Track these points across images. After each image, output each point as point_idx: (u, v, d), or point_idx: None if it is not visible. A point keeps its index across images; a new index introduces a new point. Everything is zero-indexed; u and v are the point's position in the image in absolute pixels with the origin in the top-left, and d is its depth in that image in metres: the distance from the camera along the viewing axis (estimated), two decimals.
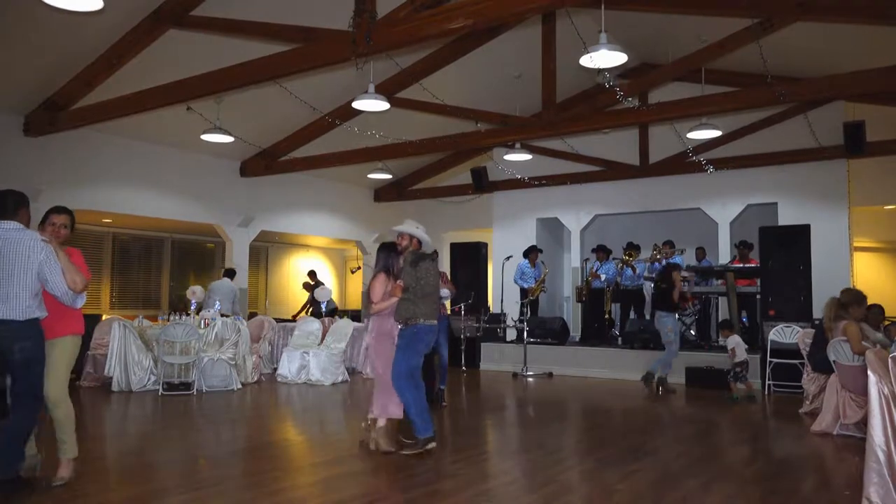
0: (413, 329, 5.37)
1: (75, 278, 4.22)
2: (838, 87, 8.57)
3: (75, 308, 4.43)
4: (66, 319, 4.41)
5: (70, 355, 4.48)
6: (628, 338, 10.75)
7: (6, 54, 8.16)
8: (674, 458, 5.38)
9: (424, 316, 5.36)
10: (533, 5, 5.68)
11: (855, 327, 6.16)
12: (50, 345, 4.32)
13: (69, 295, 4.25)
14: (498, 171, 13.62)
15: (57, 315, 4.35)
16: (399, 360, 5.35)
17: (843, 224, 11.19)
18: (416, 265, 5.38)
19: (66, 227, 4.49)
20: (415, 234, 5.58)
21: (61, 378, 4.40)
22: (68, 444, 4.43)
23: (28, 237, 4.16)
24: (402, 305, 5.38)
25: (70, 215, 4.56)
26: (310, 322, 10.63)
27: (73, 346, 4.50)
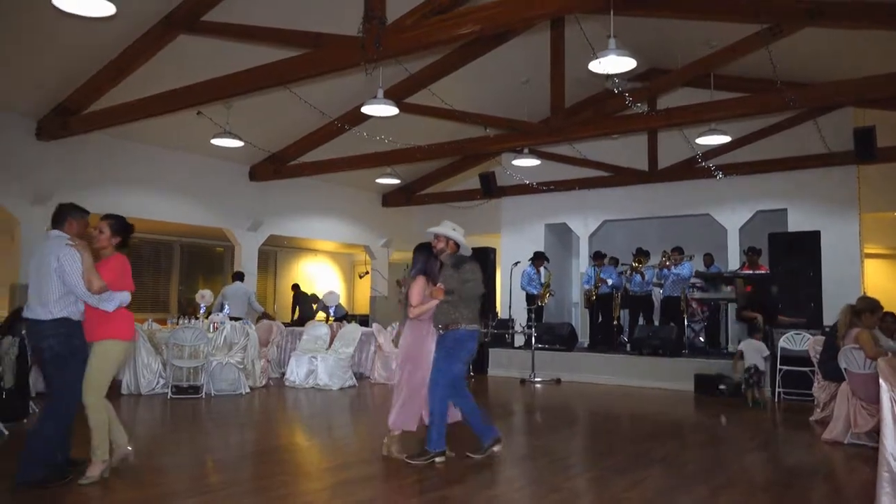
0: (454, 335, 5.15)
1: (90, 279, 4.30)
2: (848, 93, 8.54)
3: (106, 310, 4.45)
4: (107, 323, 4.48)
5: (109, 360, 4.52)
6: (637, 344, 10.70)
7: (20, 59, 8.24)
8: (682, 466, 5.35)
9: (467, 321, 5.15)
10: (542, 11, 5.69)
11: (867, 334, 6.12)
12: (91, 348, 4.45)
13: (89, 297, 4.36)
14: (506, 176, 13.62)
15: (99, 318, 4.45)
16: (441, 368, 5.14)
17: (853, 230, 11.12)
18: (459, 267, 5.17)
19: (102, 232, 4.58)
20: (451, 237, 5.31)
21: (93, 382, 4.47)
22: (99, 448, 4.50)
23: (55, 243, 4.41)
24: (442, 310, 5.18)
25: (109, 221, 4.65)
26: (318, 326, 10.64)
27: (114, 350, 4.53)
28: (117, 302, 4.46)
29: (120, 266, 4.52)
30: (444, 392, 5.11)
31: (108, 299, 4.42)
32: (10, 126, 9.35)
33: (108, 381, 4.56)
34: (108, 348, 4.49)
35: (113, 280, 4.42)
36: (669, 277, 11.30)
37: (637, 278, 11.70)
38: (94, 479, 4.48)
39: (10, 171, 9.38)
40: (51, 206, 9.63)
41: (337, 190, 14.18)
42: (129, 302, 4.54)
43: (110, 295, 4.42)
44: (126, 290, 4.51)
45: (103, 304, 4.41)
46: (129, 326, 4.59)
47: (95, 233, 4.59)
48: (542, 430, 7.15)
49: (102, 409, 4.51)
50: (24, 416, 6.45)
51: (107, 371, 4.53)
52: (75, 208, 4.61)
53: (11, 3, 7.20)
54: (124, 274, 4.50)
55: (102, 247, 4.57)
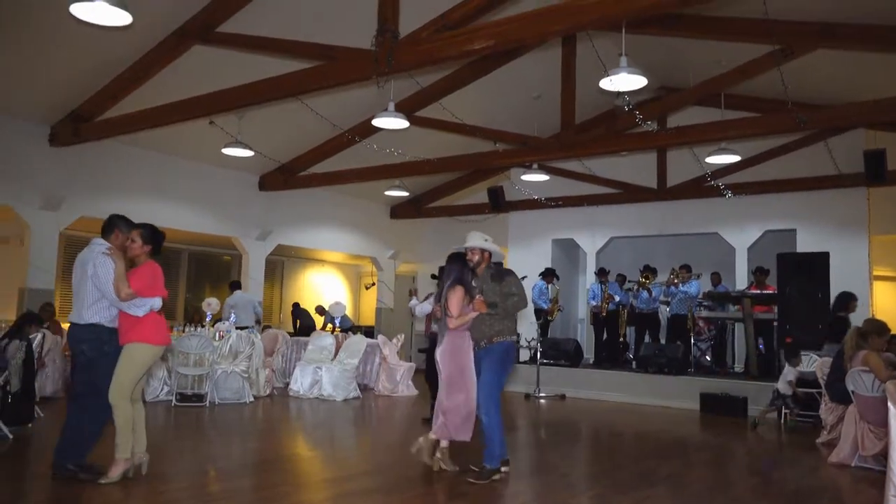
0: (502, 346, 5.13)
1: (119, 286, 4.52)
2: (859, 115, 8.53)
3: (136, 315, 4.62)
4: (137, 327, 4.65)
5: (134, 361, 4.67)
6: (643, 361, 10.66)
7: (35, 66, 8.32)
8: (687, 486, 5.31)
9: (510, 333, 5.18)
10: (554, 28, 5.71)
11: (876, 356, 6.07)
12: (122, 350, 4.65)
13: (118, 302, 4.56)
14: (515, 191, 13.63)
15: (130, 323, 4.65)
16: (492, 380, 5.09)
17: (862, 252, 11.07)
18: (501, 280, 5.15)
19: (134, 241, 4.75)
20: (486, 248, 5.28)
21: (119, 382, 4.62)
22: (120, 447, 4.66)
23: (94, 250, 4.68)
24: (486, 323, 5.11)
25: (141, 229, 4.79)
26: (323, 337, 10.65)
27: (140, 353, 4.67)
28: (147, 307, 4.63)
29: (149, 273, 4.70)
30: (496, 405, 5.07)
31: (138, 305, 4.60)
32: (24, 132, 9.44)
33: (132, 383, 4.70)
34: (135, 350, 4.66)
35: (142, 287, 4.61)
36: (677, 295, 11.27)
37: (644, 295, 11.67)
38: (114, 480, 4.59)
39: (23, 176, 9.45)
40: (61, 212, 9.80)
41: (345, 201, 14.22)
42: (159, 307, 4.70)
43: (140, 300, 4.60)
44: (157, 296, 4.68)
45: (133, 309, 4.59)
46: (158, 331, 4.74)
47: (128, 242, 4.77)
48: (547, 446, 7.11)
49: (126, 409, 4.65)
50: (30, 420, 6.47)
51: (131, 372, 4.67)
52: (124, 221, 4.82)
53: (28, 10, 7.30)
54: (155, 280, 4.69)
55: (136, 255, 4.77)
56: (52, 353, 8.08)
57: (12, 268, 10.41)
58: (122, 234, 4.78)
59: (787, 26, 7.77)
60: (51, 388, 8.27)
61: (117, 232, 4.77)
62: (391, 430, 8.03)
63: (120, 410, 4.63)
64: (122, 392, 4.63)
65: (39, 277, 9.70)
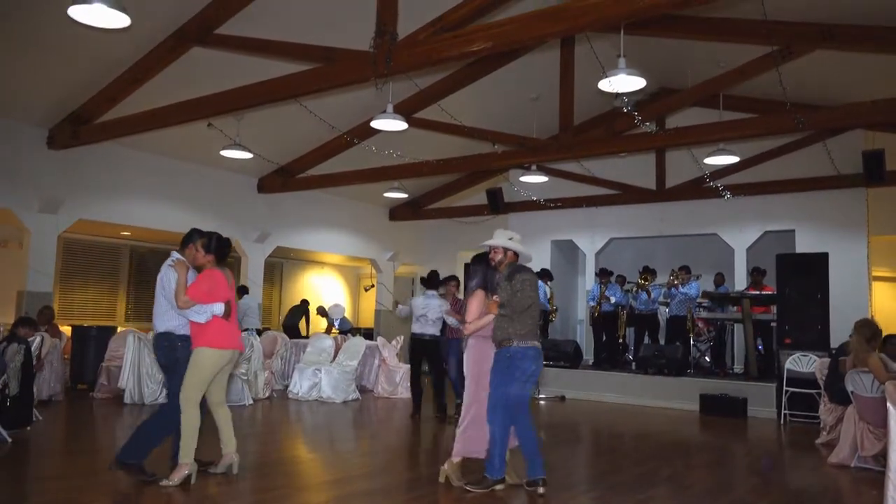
0: (506, 352, 4.77)
1: (177, 295, 4.68)
2: (858, 116, 8.54)
3: (198, 321, 4.72)
4: (202, 333, 4.75)
5: (199, 366, 4.74)
6: (642, 363, 10.66)
7: (34, 68, 8.32)
8: (688, 486, 5.31)
9: (519, 337, 4.74)
10: (553, 30, 5.70)
11: (875, 358, 6.07)
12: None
13: (180, 310, 4.72)
14: (513, 192, 13.64)
15: (196, 329, 4.78)
16: (497, 389, 4.79)
17: (861, 253, 11.08)
18: (511, 278, 4.82)
19: (198, 251, 4.88)
20: (509, 247, 4.99)
21: (185, 387, 4.74)
22: (183, 451, 4.74)
23: (166, 263, 4.92)
24: (498, 325, 4.85)
25: (202, 240, 4.90)
26: (322, 339, 10.64)
27: (204, 357, 4.74)
28: (208, 314, 4.71)
29: (207, 281, 4.77)
30: (504, 415, 4.77)
31: (198, 311, 4.70)
32: (22, 134, 9.43)
33: (198, 387, 4.77)
34: (199, 355, 4.74)
35: (200, 294, 4.69)
36: (676, 296, 11.27)
37: (643, 296, 11.67)
38: (174, 484, 4.64)
39: (21, 179, 9.44)
40: (59, 215, 9.80)
41: (344, 203, 14.22)
42: (222, 313, 4.74)
43: (200, 307, 4.68)
44: (218, 302, 4.73)
45: (194, 316, 4.71)
46: (222, 336, 4.79)
47: (193, 252, 4.89)
48: (547, 448, 7.08)
49: (192, 414, 4.74)
50: (28, 423, 6.45)
51: (195, 377, 4.74)
52: (199, 234, 4.95)
53: (27, 12, 7.29)
54: (214, 287, 4.75)
55: (200, 264, 4.89)
56: (50, 356, 8.06)
57: (11, 271, 10.39)
58: (193, 245, 4.93)
59: (786, 27, 7.78)
60: (49, 391, 8.25)
61: (192, 245, 4.92)
62: (391, 432, 8.02)
63: (186, 415, 4.72)
64: (188, 397, 4.72)
65: (38, 280, 9.69)
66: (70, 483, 4.73)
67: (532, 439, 4.83)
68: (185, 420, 4.72)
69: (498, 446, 4.81)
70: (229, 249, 5.05)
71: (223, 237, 4.99)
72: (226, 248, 4.98)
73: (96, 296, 12.91)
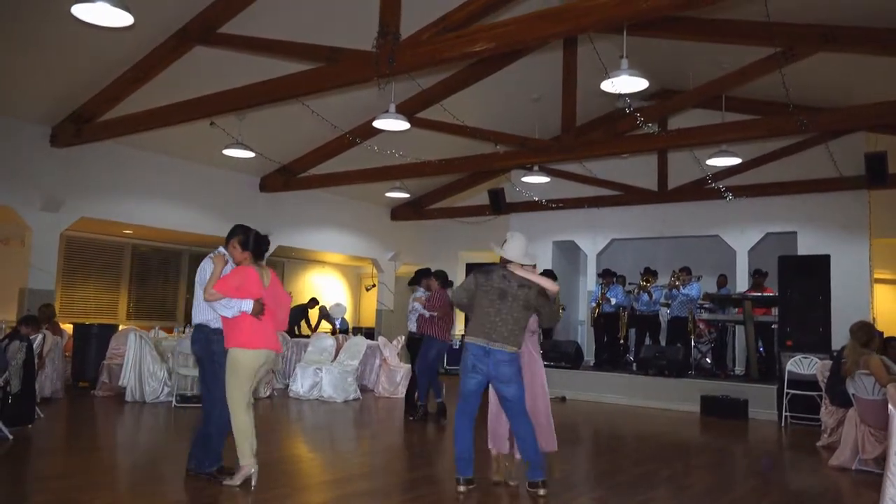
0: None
1: (207, 285, 4.66)
2: (860, 118, 8.53)
3: (225, 316, 4.69)
4: (234, 332, 4.71)
5: (234, 368, 4.69)
6: (643, 364, 10.65)
7: (37, 67, 8.33)
8: (688, 488, 5.31)
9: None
10: (555, 31, 5.71)
11: (877, 360, 6.06)
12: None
13: (205, 300, 4.71)
14: (515, 192, 13.64)
15: (228, 326, 4.74)
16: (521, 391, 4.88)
17: (863, 255, 11.07)
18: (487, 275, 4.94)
19: (235, 247, 4.85)
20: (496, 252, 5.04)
21: (229, 391, 4.72)
22: (239, 453, 4.70)
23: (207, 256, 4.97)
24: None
25: (238, 237, 4.87)
26: (323, 338, 10.64)
27: (238, 358, 4.68)
28: (235, 309, 4.64)
29: (237, 277, 4.71)
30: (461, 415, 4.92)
31: (225, 305, 4.64)
32: (25, 132, 9.44)
33: (241, 390, 4.70)
34: (233, 356, 4.69)
35: (227, 289, 4.63)
36: (678, 298, 11.27)
37: (644, 297, 11.66)
38: (235, 484, 4.64)
39: (24, 177, 9.45)
40: (61, 214, 9.82)
41: (346, 203, 14.22)
42: (251, 310, 4.65)
43: (228, 301, 4.63)
44: (247, 299, 4.65)
45: (222, 309, 4.67)
46: (256, 336, 4.70)
47: (232, 249, 4.88)
48: None
49: (241, 417, 4.70)
50: (30, 421, 6.46)
51: (234, 380, 4.69)
52: (241, 228, 4.92)
53: (29, 11, 7.30)
54: (244, 284, 4.68)
55: (238, 261, 4.86)
56: (52, 354, 8.07)
57: (13, 269, 10.41)
58: (234, 245, 4.93)
59: (789, 29, 7.77)
60: (50, 388, 8.27)
61: (233, 241, 4.91)
62: (391, 431, 8.02)
63: (235, 419, 4.70)
64: (234, 401, 4.70)
65: (40, 278, 9.70)
66: (71, 481, 4.74)
67: (532, 441, 4.80)
68: (236, 423, 4.70)
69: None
70: (266, 247, 4.98)
71: (261, 234, 4.94)
72: (262, 246, 4.93)
73: (98, 294, 12.92)
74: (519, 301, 4.78)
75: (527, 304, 4.80)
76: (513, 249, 4.90)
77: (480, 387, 4.84)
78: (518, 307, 4.77)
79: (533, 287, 4.82)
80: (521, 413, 4.80)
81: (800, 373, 8.58)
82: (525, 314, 4.82)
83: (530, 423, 4.83)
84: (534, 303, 4.82)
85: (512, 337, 4.75)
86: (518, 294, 4.78)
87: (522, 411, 4.80)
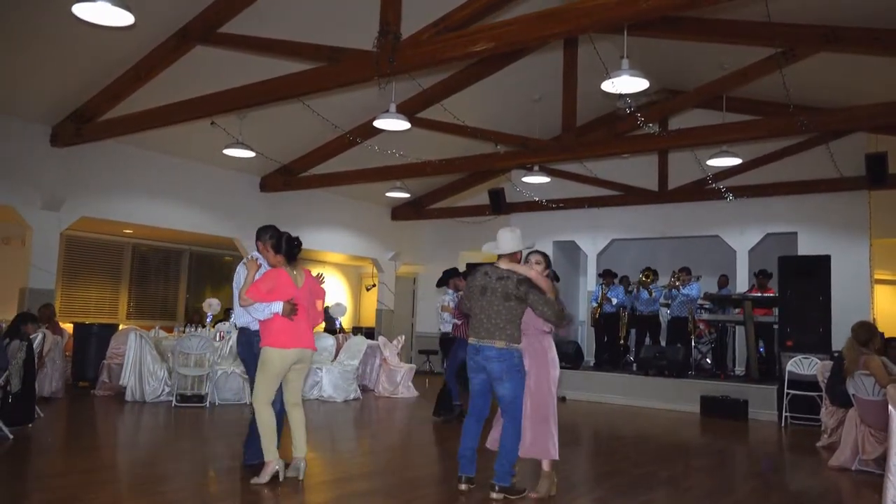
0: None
1: (241, 291, 4.76)
2: (861, 118, 8.53)
3: (259, 318, 4.80)
4: (267, 332, 4.81)
5: (265, 366, 4.80)
6: (643, 364, 10.65)
7: (37, 66, 8.33)
8: (688, 489, 5.31)
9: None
10: (556, 31, 5.70)
11: (877, 360, 6.06)
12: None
13: (240, 306, 4.85)
14: (516, 192, 13.63)
15: (263, 328, 4.84)
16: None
17: (864, 256, 11.07)
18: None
19: (268, 250, 4.96)
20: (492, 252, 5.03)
21: (255, 386, 4.86)
22: (264, 448, 4.80)
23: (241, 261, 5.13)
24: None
25: (269, 238, 4.96)
26: (324, 338, 10.64)
27: (270, 357, 4.78)
28: (267, 312, 4.75)
29: (269, 281, 4.80)
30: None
31: (258, 309, 4.75)
32: (26, 132, 9.43)
33: (267, 386, 4.82)
34: (265, 355, 4.80)
35: (259, 293, 4.72)
36: (678, 298, 11.26)
37: (644, 295, 11.65)
38: (262, 481, 4.69)
39: (24, 176, 9.45)
40: (62, 213, 9.82)
41: (346, 202, 14.22)
42: (283, 312, 4.73)
43: (260, 305, 4.73)
44: (277, 301, 4.74)
45: (255, 313, 4.79)
46: (286, 335, 4.79)
47: (265, 252, 4.98)
48: None
49: (264, 413, 4.82)
50: (30, 420, 6.46)
51: (264, 376, 4.81)
52: (268, 234, 4.98)
53: (31, 10, 7.30)
54: (276, 287, 4.77)
55: (272, 263, 4.96)
56: (52, 354, 8.07)
57: (13, 268, 10.42)
58: (261, 244, 5.00)
59: (789, 29, 7.77)
60: (51, 388, 8.27)
61: (259, 242, 5.01)
62: (392, 431, 8.03)
63: (258, 414, 4.81)
64: (258, 396, 4.82)
65: (40, 278, 9.70)
66: (71, 480, 4.74)
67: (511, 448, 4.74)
68: (259, 419, 4.80)
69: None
70: (299, 250, 5.04)
71: (293, 237, 5.00)
72: (295, 249, 4.99)
73: (98, 293, 12.92)
74: (497, 293, 4.69)
75: (505, 294, 4.67)
76: (502, 243, 4.91)
77: (484, 386, 4.82)
78: (497, 299, 4.68)
79: (511, 277, 4.72)
80: (513, 415, 4.71)
81: (800, 373, 8.58)
82: (507, 306, 4.67)
83: (519, 430, 4.73)
84: (514, 292, 4.67)
85: (497, 331, 4.66)
86: (496, 287, 4.71)
87: (515, 413, 4.71)
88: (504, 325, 4.67)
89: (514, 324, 4.71)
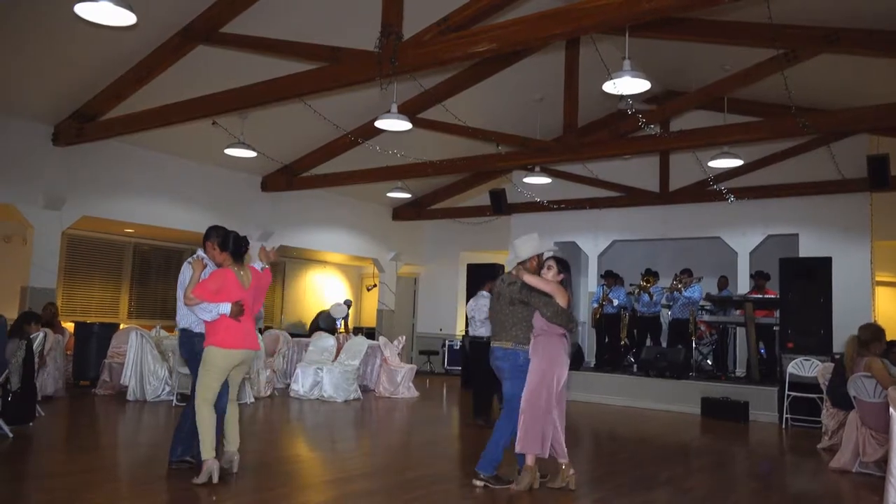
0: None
1: (186, 292, 4.75)
2: (862, 120, 8.51)
3: (205, 319, 4.79)
4: (211, 332, 4.81)
5: (207, 365, 4.79)
6: (644, 365, 10.65)
7: (40, 65, 8.33)
8: (688, 490, 5.30)
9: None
10: (558, 31, 5.70)
11: (879, 363, 6.05)
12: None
13: (185, 306, 4.83)
14: (517, 193, 13.63)
15: (208, 328, 4.84)
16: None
17: (865, 258, 11.06)
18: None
19: (214, 248, 4.97)
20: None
21: (198, 385, 4.82)
22: (202, 448, 4.75)
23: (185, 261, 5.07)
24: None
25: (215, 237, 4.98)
26: (324, 338, 10.64)
27: (212, 356, 4.77)
28: (214, 312, 4.73)
29: (216, 280, 4.78)
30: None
31: (205, 309, 4.74)
32: (27, 131, 9.44)
33: (209, 386, 4.80)
34: (208, 354, 4.79)
35: (205, 293, 4.71)
36: (679, 299, 11.26)
37: (645, 298, 11.65)
38: (201, 481, 4.67)
39: (26, 175, 9.46)
40: (62, 212, 9.82)
41: (347, 202, 14.23)
42: (228, 312, 4.73)
43: (207, 305, 4.72)
44: (225, 303, 4.73)
45: (201, 313, 4.77)
46: (231, 335, 4.78)
47: (211, 250, 4.97)
48: None
49: (204, 412, 4.78)
50: (31, 419, 6.46)
51: (206, 375, 4.80)
52: (215, 232, 5.01)
53: (33, 10, 7.30)
54: (223, 287, 4.76)
55: (218, 262, 4.96)
56: (53, 353, 8.08)
57: (15, 267, 10.42)
58: (209, 244, 5.01)
59: (791, 30, 7.76)
60: (52, 387, 8.27)
61: (207, 242, 5.02)
62: (392, 431, 8.03)
63: (199, 413, 4.77)
64: (201, 395, 4.79)
65: (42, 277, 9.71)
66: (71, 479, 4.74)
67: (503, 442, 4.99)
68: (200, 418, 4.76)
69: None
70: (246, 248, 5.03)
71: (240, 236, 5.00)
72: (241, 247, 4.98)
73: (99, 292, 12.92)
74: (505, 298, 5.07)
75: (511, 300, 5.02)
76: (518, 251, 5.21)
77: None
78: (505, 303, 5.05)
79: (516, 282, 5.05)
80: (512, 412, 4.97)
81: (801, 375, 8.58)
82: (512, 309, 5.01)
83: (512, 426, 4.97)
84: (517, 297, 5.01)
85: (504, 333, 5.03)
86: (505, 292, 5.10)
87: (512, 410, 4.98)
88: (511, 328, 5.02)
89: (521, 326, 5.01)
